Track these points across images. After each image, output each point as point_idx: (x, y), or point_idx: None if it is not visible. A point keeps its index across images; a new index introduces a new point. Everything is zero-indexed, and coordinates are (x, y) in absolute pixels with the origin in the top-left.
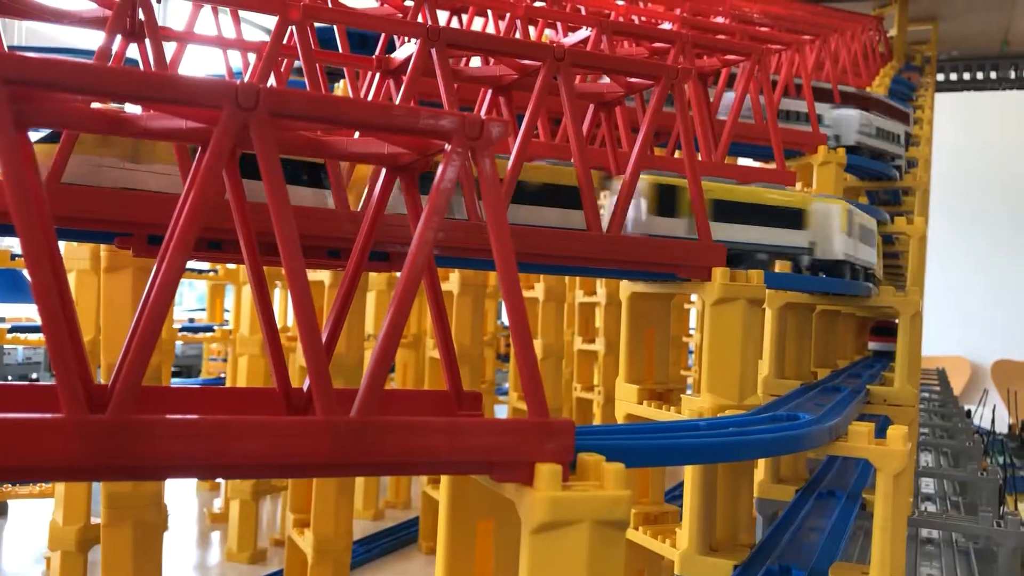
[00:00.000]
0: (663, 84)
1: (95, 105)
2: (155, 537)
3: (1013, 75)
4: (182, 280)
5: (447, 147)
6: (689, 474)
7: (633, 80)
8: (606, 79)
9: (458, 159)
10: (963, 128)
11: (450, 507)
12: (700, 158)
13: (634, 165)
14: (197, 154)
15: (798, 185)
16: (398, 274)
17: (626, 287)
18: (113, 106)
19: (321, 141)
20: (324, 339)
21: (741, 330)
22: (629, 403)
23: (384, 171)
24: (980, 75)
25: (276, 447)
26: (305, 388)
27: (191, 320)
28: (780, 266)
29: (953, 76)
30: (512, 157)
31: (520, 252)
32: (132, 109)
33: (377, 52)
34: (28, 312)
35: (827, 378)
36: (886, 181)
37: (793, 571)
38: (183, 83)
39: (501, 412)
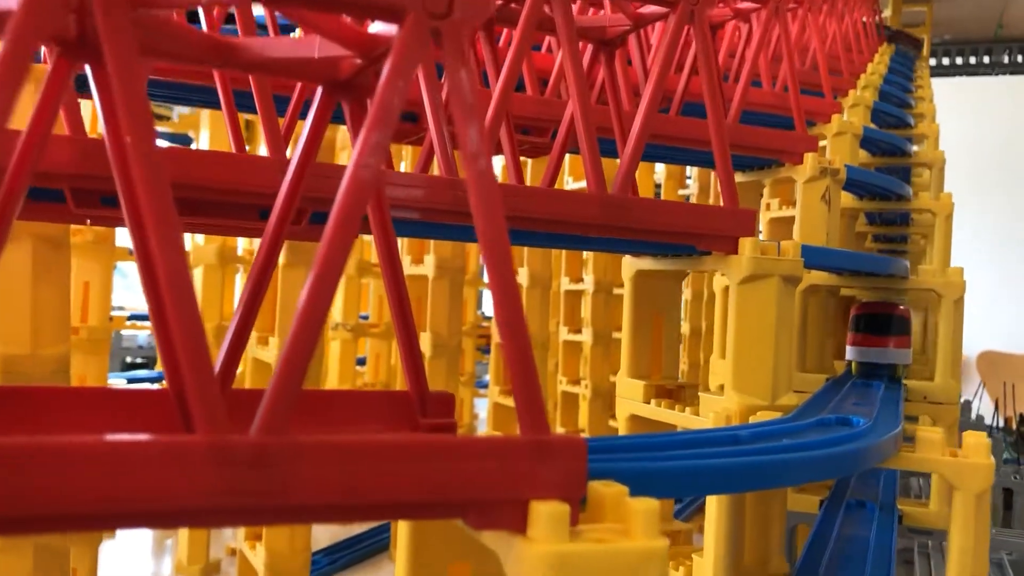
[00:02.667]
0: (681, 12)
1: None
2: (60, 565)
3: (1007, 59)
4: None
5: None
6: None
7: (643, 11)
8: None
9: (414, 46)
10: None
11: (411, 545)
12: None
13: (644, 115)
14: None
15: (807, 159)
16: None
17: (630, 264)
18: None
19: (224, 43)
20: (235, 325)
21: (774, 314)
22: (633, 402)
23: (319, 91)
24: (973, 59)
25: (122, 484)
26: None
27: None
28: None
29: (945, 60)
30: (492, 107)
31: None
32: None
33: None
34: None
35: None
36: (899, 157)
37: None
38: None
39: (481, 406)
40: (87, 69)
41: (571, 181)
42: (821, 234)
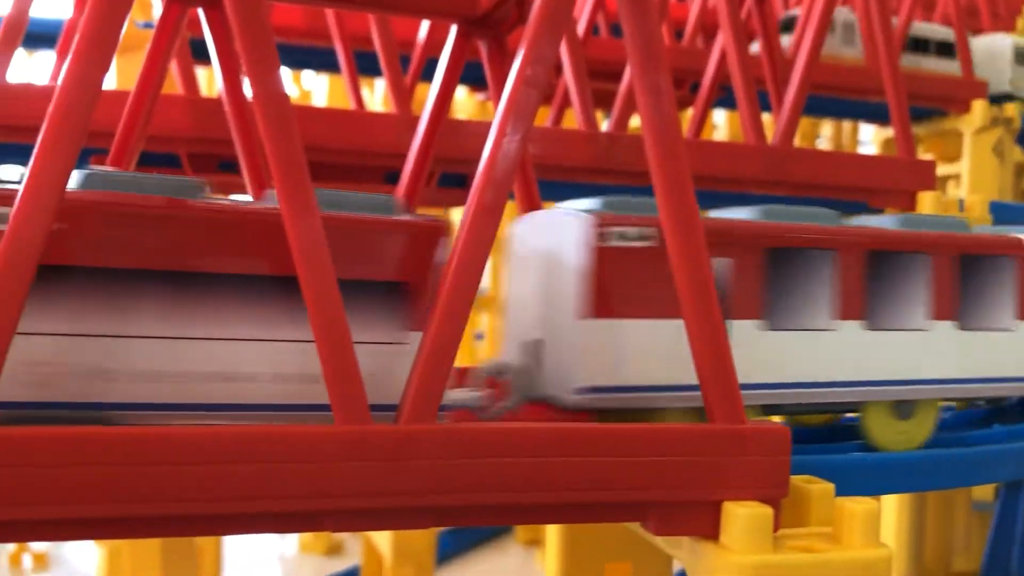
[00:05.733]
0: None
1: None
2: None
3: None
4: None
5: None
6: None
7: None
8: None
9: None
10: None
11: (564, 542)
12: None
13: (808, 58)
14: None
15: (976, 107)
16: None
17: None
18: None
19: None
20: None
21: None
22: None
23: (454, 30)
24: None
25: (241, 482)
26: None
27: None
28: None
29: None
30: None
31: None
32: None
33: None
34: None
35: None
36: None
37: None
38: None
39: None
40: (201, 15)
41: None
42: (992, 191)
